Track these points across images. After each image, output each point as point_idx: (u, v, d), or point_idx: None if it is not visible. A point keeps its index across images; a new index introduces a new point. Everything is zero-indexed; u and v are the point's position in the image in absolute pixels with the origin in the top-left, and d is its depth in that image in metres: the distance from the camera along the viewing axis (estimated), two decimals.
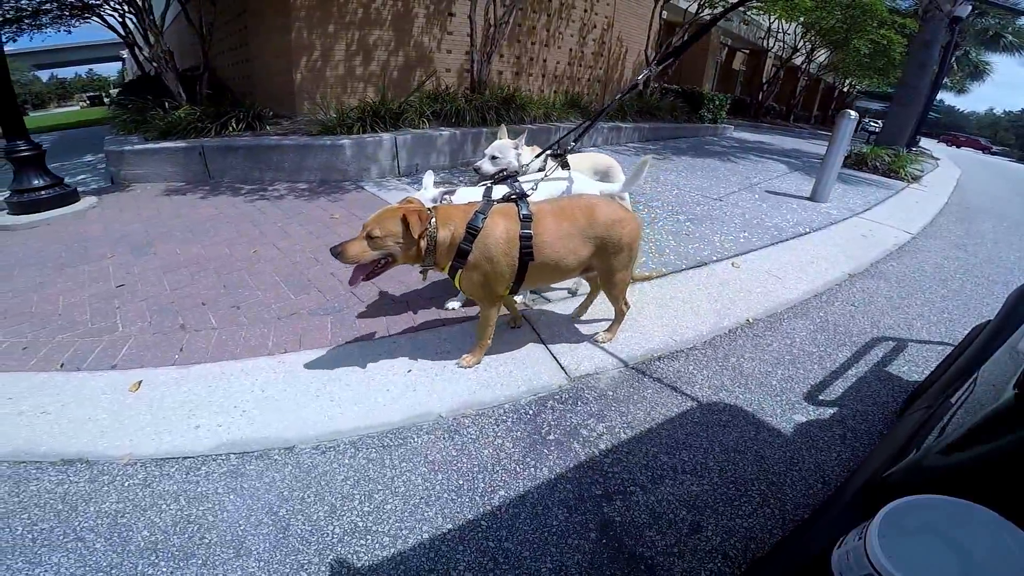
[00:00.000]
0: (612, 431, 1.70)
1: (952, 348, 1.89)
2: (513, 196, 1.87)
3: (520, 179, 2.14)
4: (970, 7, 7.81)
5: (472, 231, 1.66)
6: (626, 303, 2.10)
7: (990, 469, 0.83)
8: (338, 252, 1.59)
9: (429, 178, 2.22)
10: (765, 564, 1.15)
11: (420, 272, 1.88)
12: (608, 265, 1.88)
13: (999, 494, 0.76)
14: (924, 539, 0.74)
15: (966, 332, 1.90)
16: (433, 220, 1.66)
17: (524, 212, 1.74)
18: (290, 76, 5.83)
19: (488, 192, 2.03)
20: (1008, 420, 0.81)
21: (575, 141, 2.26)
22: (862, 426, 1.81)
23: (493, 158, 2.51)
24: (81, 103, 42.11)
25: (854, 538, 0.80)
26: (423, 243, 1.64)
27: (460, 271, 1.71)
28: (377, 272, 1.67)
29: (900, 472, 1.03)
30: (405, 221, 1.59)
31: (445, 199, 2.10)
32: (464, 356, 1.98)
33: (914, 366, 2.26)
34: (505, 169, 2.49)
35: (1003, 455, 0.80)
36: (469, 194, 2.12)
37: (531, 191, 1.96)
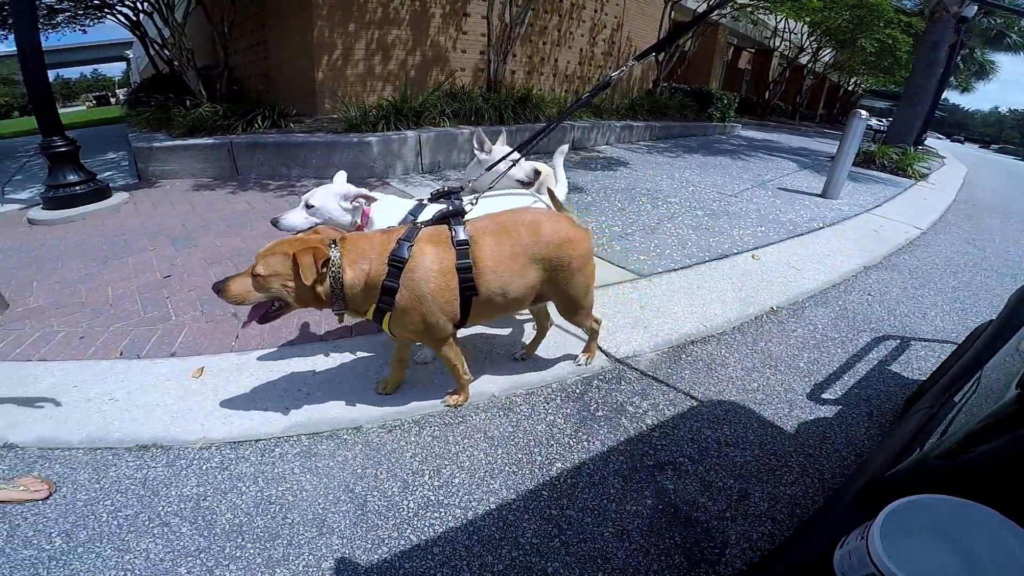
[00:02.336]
0: (656, 408, 1.81)
1: (955, 347, 1.91)
2: (447, 213, 1.51)
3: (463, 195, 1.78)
4: (976, 7, 7.88)
5: (397, 264, 1.35)
6: (596, 320, 1.84)
7: (992, 469, 0.83)
8: (219, 289, 1.30)
9: (341, 177, 1.83)
10: (768, 564, 1.17)
11: (335, 315, 1.46)
12: (563, 294, 1.61)
13: (1001, 493, 0.77)
14: (926, 539, 0.74)
15: (977, 321, 2.00)
16: (336, 255, 1.33)
17: (460, 237, 1.42)
18: (311, 74, 5.93)
19: (416, 209, 1.69)
20: (1010, 420, 0.81)
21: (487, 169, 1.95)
22: (887, 405, 1.92)
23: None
24: (87, 103, 42.17)
25: (856, 538, 0.81)
26: (322, 288, 1.33)
27: (388, 314, 1.42)
28: (272, 316, 1.38)
29: (902, 472, 1.03)
30: (295, 262, 1.26)
31: (357, 203, 1.75)
32: (449, 396, 1.76)
33: (930, 351, 2.36)
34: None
35: (1005, 455, 0.80)
36: (392, 206, 1.81)
37: (470, 207, 1.61)
